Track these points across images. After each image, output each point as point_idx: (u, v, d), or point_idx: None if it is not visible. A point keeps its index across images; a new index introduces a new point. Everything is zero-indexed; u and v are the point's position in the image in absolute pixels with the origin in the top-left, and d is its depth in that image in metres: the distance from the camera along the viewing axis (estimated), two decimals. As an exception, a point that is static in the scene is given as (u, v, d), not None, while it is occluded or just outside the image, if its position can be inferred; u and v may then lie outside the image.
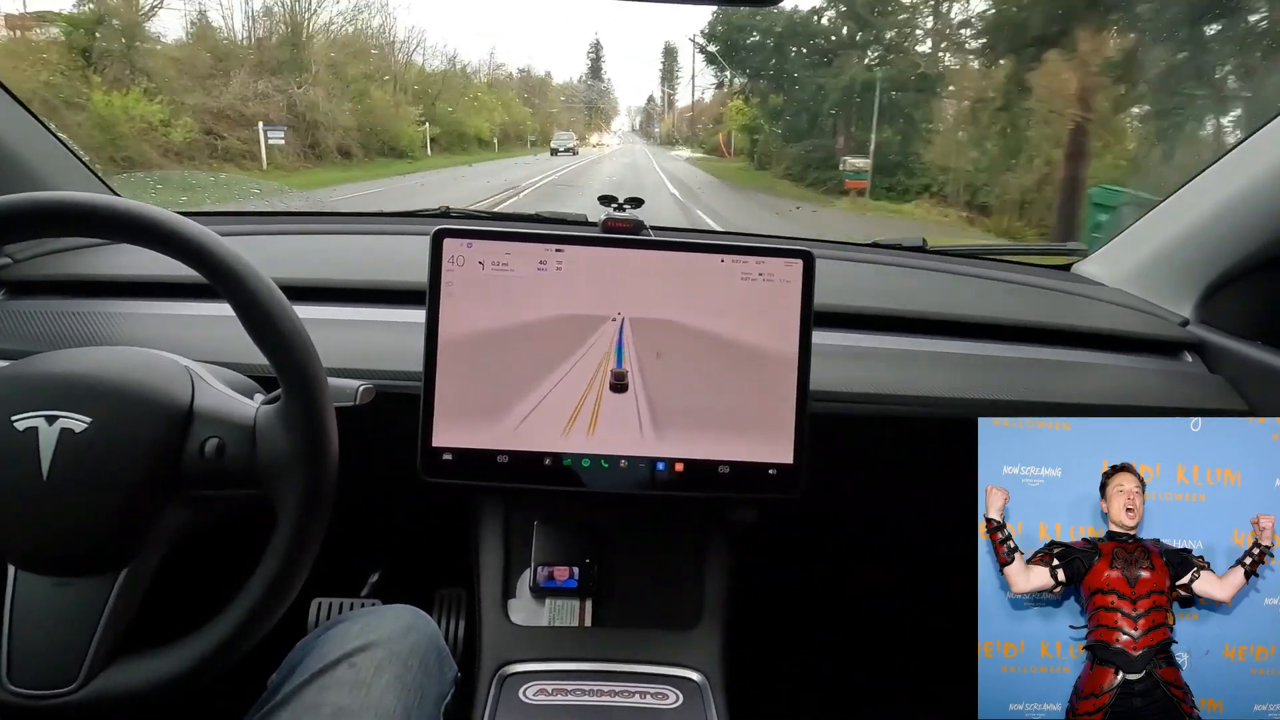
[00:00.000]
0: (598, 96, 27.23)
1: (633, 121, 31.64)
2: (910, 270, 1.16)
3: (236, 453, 0.60)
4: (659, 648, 0.85)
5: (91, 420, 0.57)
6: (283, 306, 0.59)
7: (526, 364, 0.79)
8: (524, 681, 0.80)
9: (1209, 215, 0.99)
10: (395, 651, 0.71)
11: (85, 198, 0.58)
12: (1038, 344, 1.00)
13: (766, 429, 0.81)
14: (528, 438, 0.80)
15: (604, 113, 28.12)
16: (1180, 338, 1.02)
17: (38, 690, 0.56)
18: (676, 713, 0.78)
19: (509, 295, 0.79)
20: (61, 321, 0.86)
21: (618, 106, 30.42)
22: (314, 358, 0.60)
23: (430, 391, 0.79)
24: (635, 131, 30.38)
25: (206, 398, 0.62)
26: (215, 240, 0.58)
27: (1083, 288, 1.14)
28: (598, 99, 27.09)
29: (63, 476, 0.56)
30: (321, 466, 0.59)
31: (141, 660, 0.59)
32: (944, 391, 0.90)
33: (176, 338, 0.83)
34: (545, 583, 0.88)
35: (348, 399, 0.69)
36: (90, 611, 0.58)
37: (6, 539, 0.58)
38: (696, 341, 0.80)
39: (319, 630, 0.75)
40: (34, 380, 0.59)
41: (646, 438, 0.80)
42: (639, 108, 32.21)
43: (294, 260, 1.03)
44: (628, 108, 32.23)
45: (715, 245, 0.81)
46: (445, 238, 0.78)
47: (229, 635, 0.59)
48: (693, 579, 0.91)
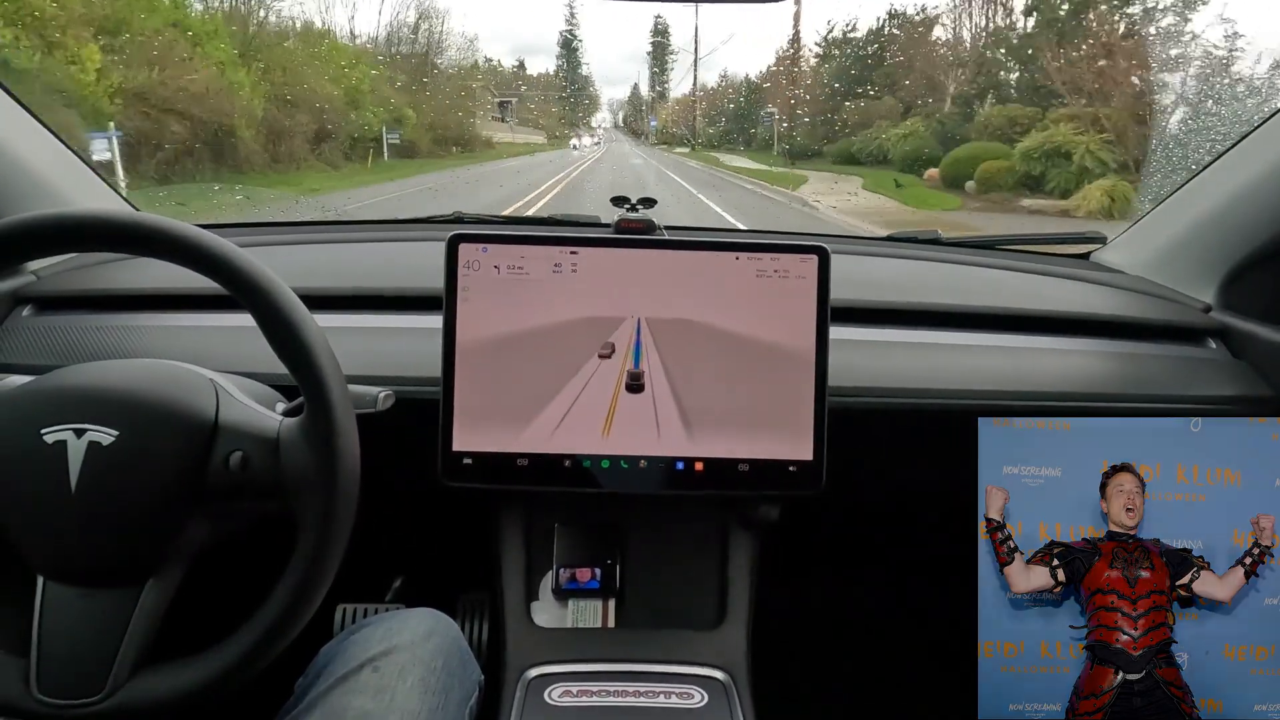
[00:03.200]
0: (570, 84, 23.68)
1: (616, 117, 28.59)
2: (926, 263, 1.15)
3: (260, 465, 0.61)
4: (683, 647, 0.85)
5: (119, 433, 0.58)
6: (303, 317, 0.60)
7: (544, 367, 0.80)
8: (549, 684, 0.80)
9: (1229, 199, 0.98)
10: (419, 655, 0.71)
11: (106, 213, 0.59)
12: (1059, 334, 0.99)
13: (785, 426, 0.80)
14: (546, 440, 0.80)
15: (583, 104, 24.79)
16: (1203, 324, 1.01)
17: (65, 700, 0.57)
18: (702, 712, 0.77)
19: (525, 299, 0.79)
20: (87, 335, 0.87)
21: (599, 99, 27.32)
22: (335, 368, 0.61)
23: (449, 396, 0.79)
24: (620, 128, 27.29)
25: (231, 411, 0.63)
26: (236, 252, 0.59)
27: (1102, 276, 1.13)
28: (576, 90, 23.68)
29: (90, 489, 0.57)
30: (343, 479, 0.60)
31: (167, 670, 0.59)
32: (963, 384, 0.89)
33: (199, 349, 0.84)
34: (567, 584, 0.88)
35: (368, 406, 0.69)
36: (117, 622, 0.58)
37: (35, 550, 0.59)
38: (713, 340, 0.80)
39: (343, 635, 0.76)
40: (62, 394, 0.60)
41: (665, 437, 0.80)
42: (620, 100, 28.98)
43: (312, 270, 1.04)
44: (609, 100, 29.12)
45: (730, 243, 0.81)
46: (460, 243, 0.79)
47: (254, 645, 0.59)
48: (715, 578, 0.91)
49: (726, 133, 19.23)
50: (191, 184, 7.71)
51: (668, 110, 24.48)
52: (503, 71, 20.84)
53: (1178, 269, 1.07)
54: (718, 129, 19.92)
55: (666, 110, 24.55)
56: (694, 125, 21.56)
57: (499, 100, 10.41)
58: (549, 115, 21.84)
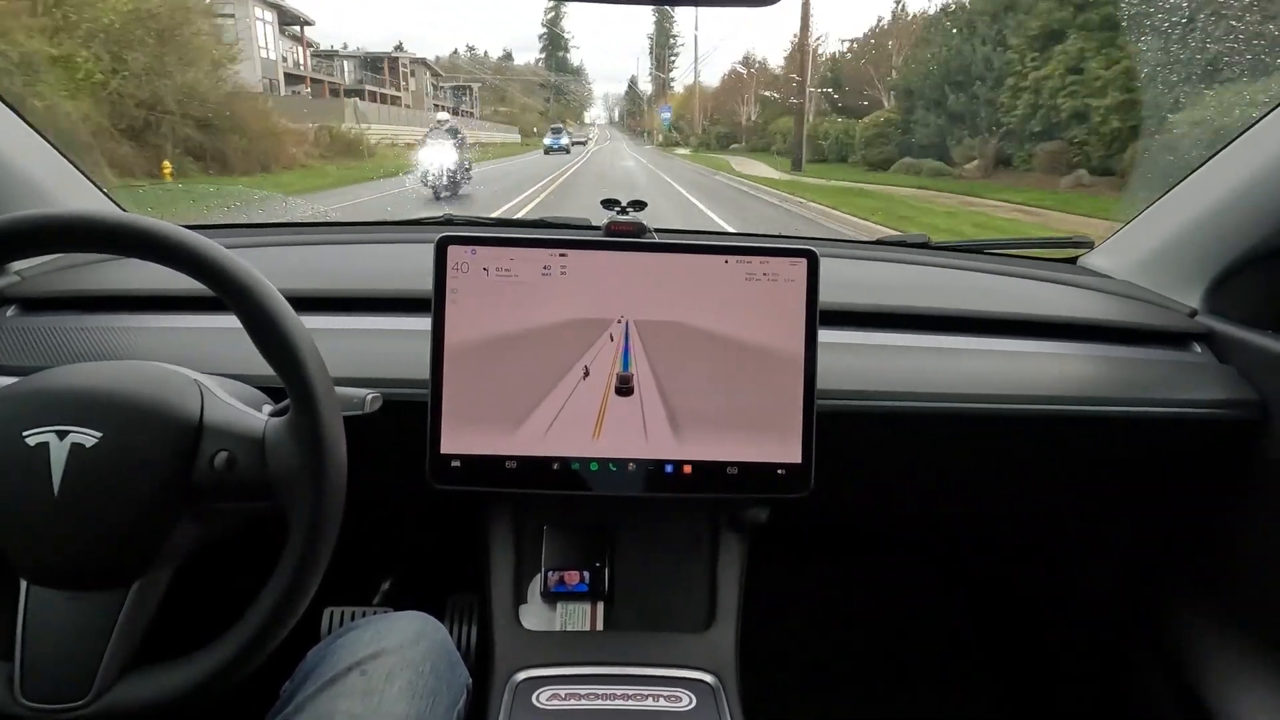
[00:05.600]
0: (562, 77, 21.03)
1: (611, 113, 27.23)
2: (915, 267, 1.15)
3: (246, 465, 0.60)
4: (671, 650, 0.85)
5: (102, 435, 0.58)
6: (289, 318, 0.60)
7: (532, 369, 0.79)
8: (537, 687, 0.80)
9: (1216, 204, 0.99)
10: (407, 658, 0.71)
11: (91, 214, 0.58)
12: (1045, 338, 0.99)
13: (774, 429, 0.80)
14: (535, 443, 0.80)
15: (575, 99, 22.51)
16: (1189, 328, 1.02)
17: (50, 704, 0.56)
18: (690, 715, 0.77)
19: (514, 301, 0.79)
20: (70, 337, 0.86)
21: (591, 94, 25.63)
22: (321, 369, 0.60)
23: (437, 398, 0.79)
24: (615, 124, 25.76)
25: (216, 411, 0.62)
26: (221, 253, 0.59)
27: (1089, 280, 1.14)
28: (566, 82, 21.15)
29: (74, 491, 0.57)
30: (330, 477, 0.59)
31: (154, 674, 0.59)
32: (951, 388, 0.90)
33: (184, 351, 0.83)
34: (556, 587, 0.88)
35: (355, 408, 0.69)
36: (102, 625, 0.58)
37: (19, 554, 0.58)
38: (702, 343, 0.80)
39: (331, 638, 0.75)
40: (45, 395, 0.59)
41: (653, 440, 0.80)
42: (618, 96, 27.72)
43: (299, 271, 1.04)
44: (605, 95, 27.68)
45: (719, 246, 0.81)
46: (449, 245, 0.79)
47: (242, 648, 0.59)
48: (703, 580, 0.91)
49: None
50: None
51: (678, 103, 21.61)
52: (488, 62, 19.47)
53: (1164, 273, 1.08)
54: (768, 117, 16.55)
55: (678, 102, 21.66)
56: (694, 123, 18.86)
57: (452, 86, 8.56)
58: (529, 111, 19.82)
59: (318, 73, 26.34)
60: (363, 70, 30.18)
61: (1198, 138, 1.39)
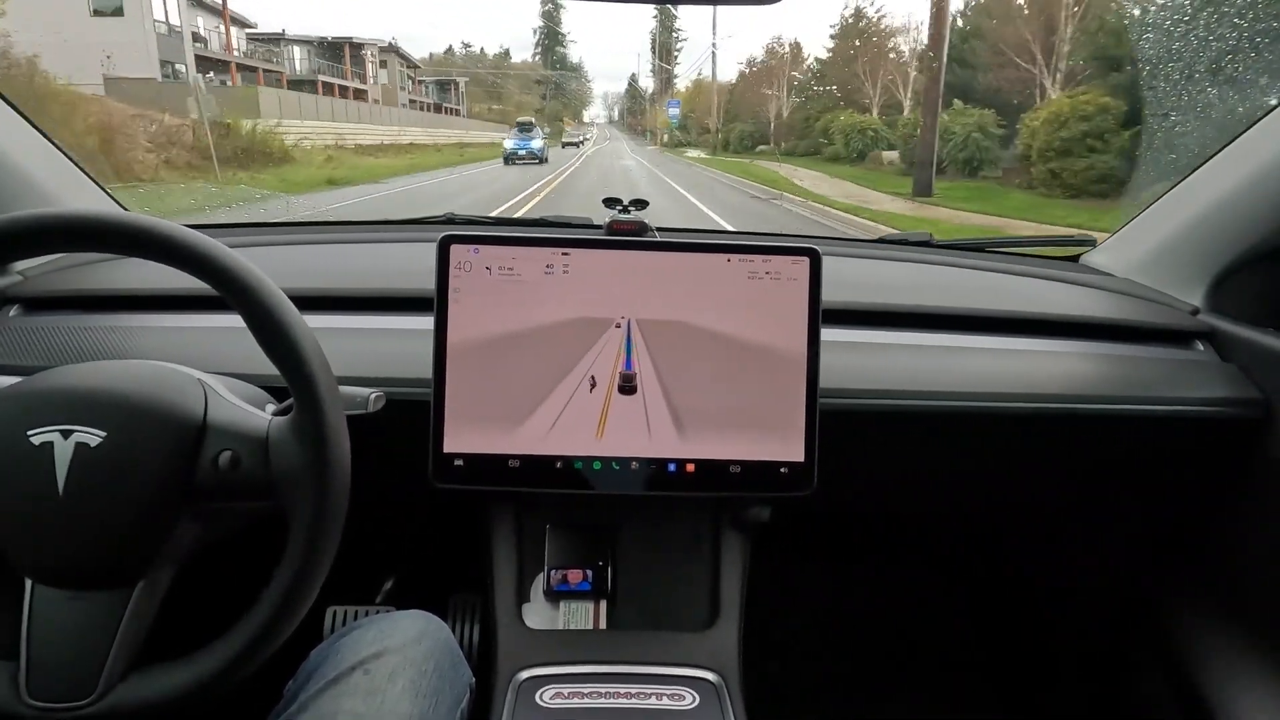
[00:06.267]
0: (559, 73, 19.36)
1: (611, 112, 25.86)
2: (917, 265, 1.15)
3: (250, 465, 0.60)
4: (674, 649, 0.85)
5: (106, 434, 0.58)
6: (293, 317, 0.60)
7: (535, 368, 0.80)
8: (540, 685, 0.80)
9: (1218, 202, 0.99)
10: (409, 657, 0.71)
11: (94, 214, 0.58)
12: (1047, 336, 0.99)
13: (777, 427, 0.81)
14: (538, 442, 0.80)
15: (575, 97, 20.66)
16: (1191, 326, 1.02)
17: (55, 703, 0.56)
18: (693, 714, 0.77)
19: (516, 300, 0.79)
20: (74, 336, 0.87)
21: (591, 92, 24.23)
22: (325, 368, 0.60)
23: (440, 397, 0.79)
24: (615, 123, 24.33)
25: (219, 410, 0.62)
26: (225, 253, 0.59)
27: (1092, 278, 1.14)
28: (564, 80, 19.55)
29: (78, 490, 0.57)
30: (333, 477, 0.59)
31: (158, 673, 0.59)
32: (953, 386, 0.90)
33: (188, 350, 0.83)
34: (559, 586, 0.88)
35: (359, 407, 0.69)
36: (106, 625, 0.58)
37: (23, 553, 0.58)
38: (705, 342, 0.80)
39: (334, 637, 0.75)
40: (49, 395, 0.59)
41: (656, 439, 0.80)
42: (618, 94, 26.25)
43: (302, 270, 1.04)
44: (604, 94, 26.45)
45: (721, 245, 0.81)
46: (451, 244, 0.79)
47: (245, 647, 0.59)
48: (706, 579, 0.91)
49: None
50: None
51: (686, 99, 18.93)
52: (484, 58, 18.87)
53: (1166, 272, 1.08)
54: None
55: (686, 98, 18.97)
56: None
57: (434, 80, 7.56)
58: (525, 109, 19.08)
59: (253, 59, 22.42)
60: (318, 59, 26.86)
61: (1199, 136, 1.38)
